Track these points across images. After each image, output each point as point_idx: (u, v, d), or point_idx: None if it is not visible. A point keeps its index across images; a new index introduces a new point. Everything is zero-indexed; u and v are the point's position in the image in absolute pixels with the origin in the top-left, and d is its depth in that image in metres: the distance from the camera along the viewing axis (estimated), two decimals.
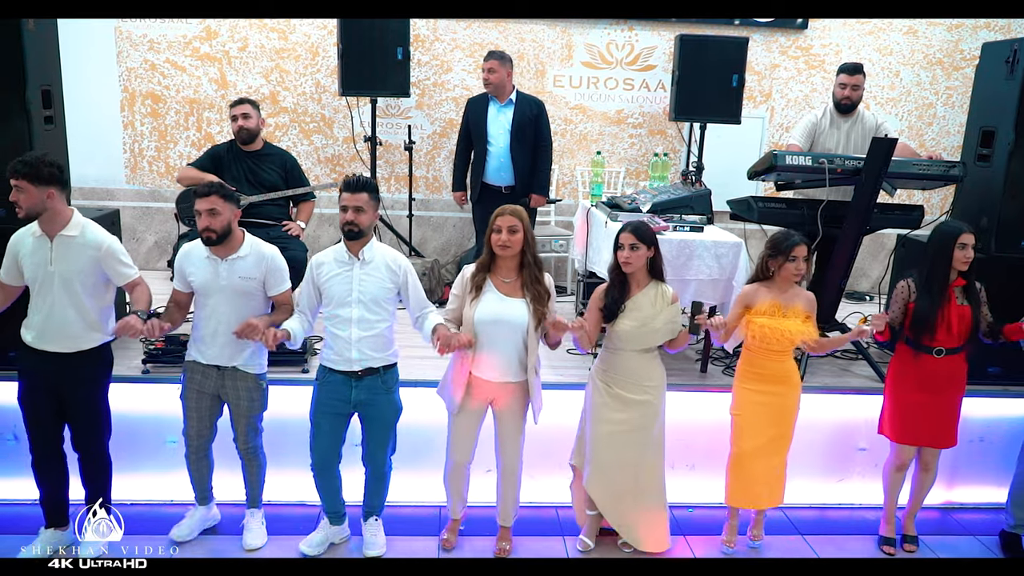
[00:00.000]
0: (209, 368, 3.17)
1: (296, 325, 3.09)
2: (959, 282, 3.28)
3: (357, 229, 3.00)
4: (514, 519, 3.41)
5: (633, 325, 3.10)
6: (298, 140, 5.95)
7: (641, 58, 6.02)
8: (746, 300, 3.28)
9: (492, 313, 3.03)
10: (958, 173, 4.17)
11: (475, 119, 4.92)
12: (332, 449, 3.23)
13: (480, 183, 4.92)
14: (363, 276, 3.05)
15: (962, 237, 3.21)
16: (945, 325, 3.25)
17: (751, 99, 6.02)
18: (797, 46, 6.08)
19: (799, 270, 3.18)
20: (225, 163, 4.43)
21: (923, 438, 3.41)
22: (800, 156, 4.12)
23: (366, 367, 3.09)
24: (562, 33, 5.94)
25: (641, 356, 3.17)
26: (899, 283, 3.37)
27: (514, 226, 2.99)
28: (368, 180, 3.06)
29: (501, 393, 3.13)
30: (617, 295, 3.13)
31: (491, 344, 3.06)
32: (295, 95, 5.89)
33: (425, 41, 5.85)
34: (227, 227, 3.04)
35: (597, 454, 3.25)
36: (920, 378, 3.34)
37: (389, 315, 3.13)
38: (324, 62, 5.83)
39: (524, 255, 3.05)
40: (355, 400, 3.12)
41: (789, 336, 3.17)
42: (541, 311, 3.04)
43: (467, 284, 3.09)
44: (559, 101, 6.02)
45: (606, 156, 5.92)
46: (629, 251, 3.07)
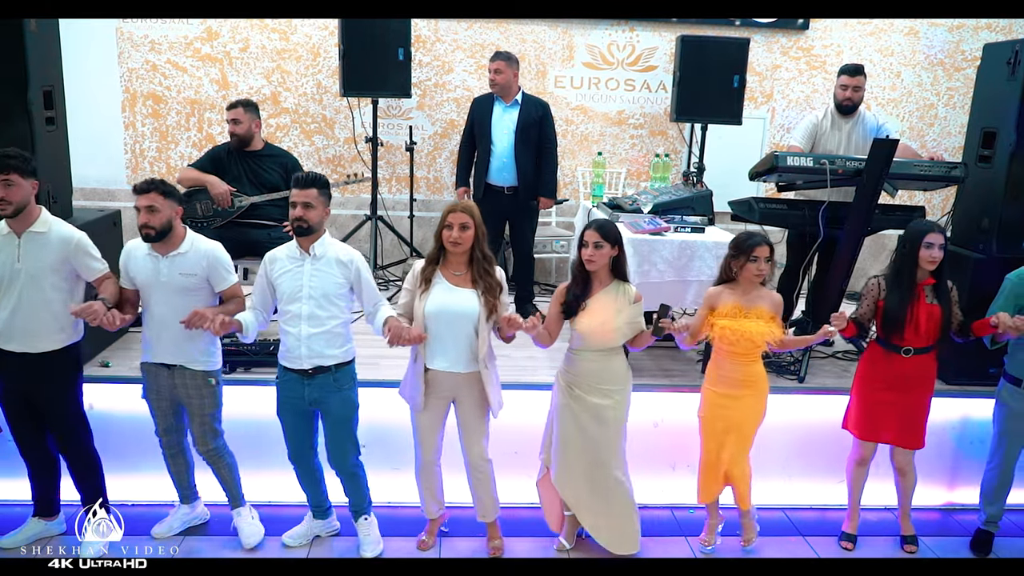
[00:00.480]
0: (160, 367, 3.15)
1: (249, 317, 3.08)
2: (929, 281, 3.27)
3: (306, 225, 2.99)
4: (496, 514, 3.38)
5: (593, 324, 3.08)
6: (299, 141, 5.95)
7: (642, 59, 6.02)
8: (710, 302, 3.26)
9: (441, 304, 3.02)
10: (959, 174, 4.17)
11: (480, 119, 4.91)
12: (304, 443, 3.23)
13: (483, 183, 4.91)
14: (314, 272, 3.04)
15: (928, 236, 3.20)
16: (914, 324, 3.24)
17: (752, 100, 6.02)
18: (798, 47, 6.08)
19: (761, 271, 3.14)
20: (225, 164, 4.43)
21: (886, 436, 3.41)
22: (801, 157, 4.12)
23: (316, 365, 3.07)
24: (563, 34, 5.94)
25: (603, 357, 3.14)
26: (870, 280, 3.38)
27: (466, 223, 2.99)
28: (317, 176, 3.04)
29: (457, 385, 3.11)
30: (578, 292, 3.12)
31: (442, 334, 3.04)
32: (296, 96, 5.89)
33: (426, 42, 5.85)
34: (167, 224, 3.02)
35: (562, 455, 3.24)
36: (888, 377, 3.34)
37: (342, 311, 3.10)
38: (325, 63, 5.83)
39: (474, 251, 3.04)
40: (309, 398, 3.11)
41: (752, 338, 3.14)
42: (492, 302, 3.03)
43: (417, 278, 3.08)
44: (560, 102, 6.02)
45: (607, 157, 5.92)
46: (593, 249, 3.05)
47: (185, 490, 3.45)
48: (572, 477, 3.25)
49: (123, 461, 3.54)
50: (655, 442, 3.86)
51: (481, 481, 3.28)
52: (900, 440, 3.41)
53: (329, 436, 3.21)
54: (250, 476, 3.53)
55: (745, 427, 3.30)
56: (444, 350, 3.06)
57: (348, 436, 3.22)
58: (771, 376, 4.13)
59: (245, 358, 3.85)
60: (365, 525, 3.38)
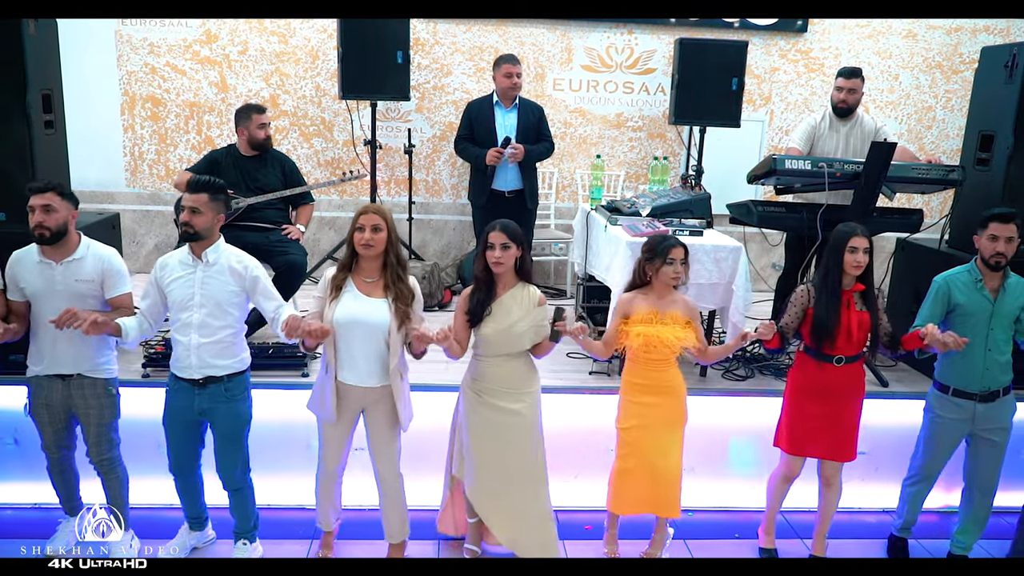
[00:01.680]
0: (52, 380, 3.05)
1: (132, 322, 2.98)
2: (857, 287, 3.15)
3: (192, 231, 2.91)
4: (404, 536, 3.25)
5: (498, 328, 2.99)
6: (298, 143, 5.95)
7: (641, 61, 6.03)
8: (624, 309, 3.16)
9: (351, 313, 2.90)
10: (957, 177, 4.17)
11: (481, 123, 4.91)
12: (185, 456, 3.14)
13: (488, 188, 4.91)
14: (206, 279, 2.95)
15: (852, 241, 3.07)
16: (845, 332, 3.12)
17: (750, 102, 6.03)
18: (797, 49, 6.09)
19: (677, 273, 3.07)
20: (223, 167, 4.43)
21: (815, 450, 3.27)
22: (799, 160, 4.12)
23: (207, 375, 2.98)
24: (562, 36, 5.94)
25: (510, 362, 3.05)
26: (798, 287, 3.25)
27: (377, 225, 2.88)
28: (210, 181, 2.96)
29: (366, 398, 3.00)
30: (483, 297, 3.01)
31: (352, 346, 2.93)
32: (295, 98, 5.89)
33: (425, 44, 5.85)
34: (63, 225, 2.95)
35: (478, 466, 3.12)
36: (819, 388, 3.21)
37: (235, 320, 3.01)
38: (324, 65, 5.84)
39: (387, 255, 2.94)
40: (199, 408, 3.02)
41: (667, 343, 3.06)
42: (404, 311, 2.92)
43: (327, 285, 2.97)
44: (559, 104, 6.03)
45: (606, 159, 5.93)
46: (501, 251, 2.94)
47: (71, 504, 3.37)
48: (490, 488, 3.14)
49: None
50: None
51: (391, 498, 3.16)
52: (830, 453, 3.27)
53: (218, 448, 3.11)
54: None
55: (668, 432, 3.19)
56: (354, 362, 2.95)
57: (237, 449, 3.12)
58: (771, 380, 4.17)
59: None
60: (243, 549, 3.25)
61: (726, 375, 4.20)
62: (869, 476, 3.95)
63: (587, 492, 3.80)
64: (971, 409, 3.28)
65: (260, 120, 4.42)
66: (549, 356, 3.22)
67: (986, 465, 3.37)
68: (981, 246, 3.20)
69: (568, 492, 3.81)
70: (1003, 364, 3.25)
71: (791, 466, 3.33)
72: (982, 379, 3.24)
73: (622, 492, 3.27)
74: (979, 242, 3.21)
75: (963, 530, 3.50)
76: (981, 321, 3.21)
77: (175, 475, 3.19)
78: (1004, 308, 3.22)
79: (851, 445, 3.27)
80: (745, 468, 3.93)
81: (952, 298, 3.26)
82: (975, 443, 3.37)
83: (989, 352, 3.22)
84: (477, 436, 3.11)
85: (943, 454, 3.39)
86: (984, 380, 3.24)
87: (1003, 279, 3.24)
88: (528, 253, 3.07)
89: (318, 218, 5.99)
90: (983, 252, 3.19)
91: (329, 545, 3.33)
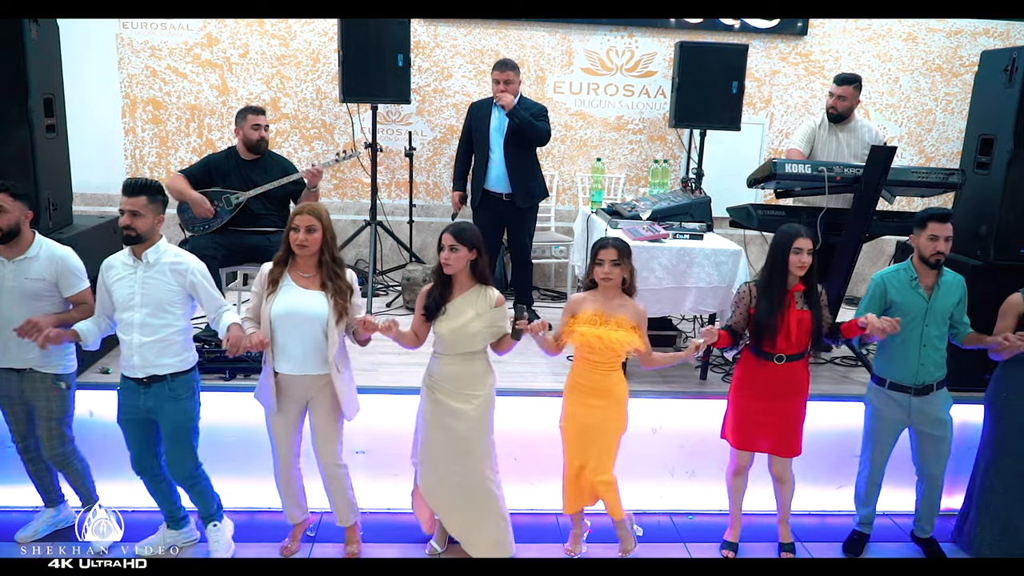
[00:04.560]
0: (8, 373, 3.14)
1: (89, 325, 3.04)
2: (798, 287, 3.20)
3: (134, 234, 2.94)
4: (354, 518, 3.34)
5: (451, 327, 3.05)
6: (299, 146, 5.96)
7: (641, 64, 6.04)
8: (572, 308, 3.19)
9: (288, 306, 2.98)
10: (956, 180, 4.18)
11: (478, 125, 4.92)
12: (145, 453, 3.17)
13: (481, 190, 4.92)
14: (146, 279, 2.99)
15: (797, 242, 3.14)
16: (784, 331, 3.18)
17: (751, 105, 6.03)
18: (797, 52, 6.09)
19: (605, 274, 3.07)
20: (224, 170, 4.44)
21: (762, 445, 3.35)
22: (800, 164, 4.13)
23: (150, 374, 3.02)
24: (562, 39, 5.95)
25: (464, 361, 3.10)
26: (741, 287, 3.31)
27: (312, 225, 2.96)
28: (148, 183, 2.97)
29: (308, 388, 3.06)
30: (438, 296, 3.08)
31: (290, 338, 3.00)
32: (296, 101, 5.90)
33: (426, 47, 5.86)
34: (15, 225, 3.02)
35: (427, 461, 3.20)
36: (761, 385, 3.27)
37: (178, 319, 3.04)
38: (325, 68, 5.84)
39: (322, 254, 3.01)
40: (145, 407, 3.06)
41: (610, 346, 3.07)
42: (342, 304, 3.00)
43: (264, 281, 3.04)
44: (559, 107, 6.03)
45: (606, 162, 5.93)
46: (448, 252, 3.01)
47: (49, 494, 3.43)
48: (438, 483, 3.20)
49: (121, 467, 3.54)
50: (653, 448, 3.87)
51: (335, 486, 3.24)
52: (776, 449, 3.34)
53: (165, 446, 3.15)
54: (247, 483, 3.55)
55: (605, 437, 3.20)
56: (292, 354, 3.02)
57: (184, 447, 3.14)
58: None
59: (245, 365, 3.85)
60: (214, 531, 3.31)
61: (726, 378, 4.21)
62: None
63: None
64: (907, 402, 3.36)
65: (255, 121, 4.43)
66: (549, 359, 3.23)
67: (931, 460, 3.45)
68: (920, 245, 3.28)
69: None
70: (937, 360, 3.34)
71: (740, 460, 3.42)
72: (917, 374, 3.32)
73: (571, 493, 3.32)
74: (917, 241, 3.30)
75: (920, 517, 3.61)
76: (916, 318, 3.29)
77: (140, 475, 3.22)
78: (938, 305, 3.30)
79: (796, 441, 3.35)
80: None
81: (888, 296, 3.34)
82: (918, 438, 3.46)
83: (924, 348, 3.31)
84: (428, 432, 3.18)
85: (885, 446, 3.47)
86: (919, 375, 3.33)
87: (938, 276, 3.32)
88: (484, 257, 3.09)
89: None
90: (923, 251, 3.28)
91: (296, 537, 3.40)
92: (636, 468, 3.87)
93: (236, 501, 3.57)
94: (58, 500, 3.47)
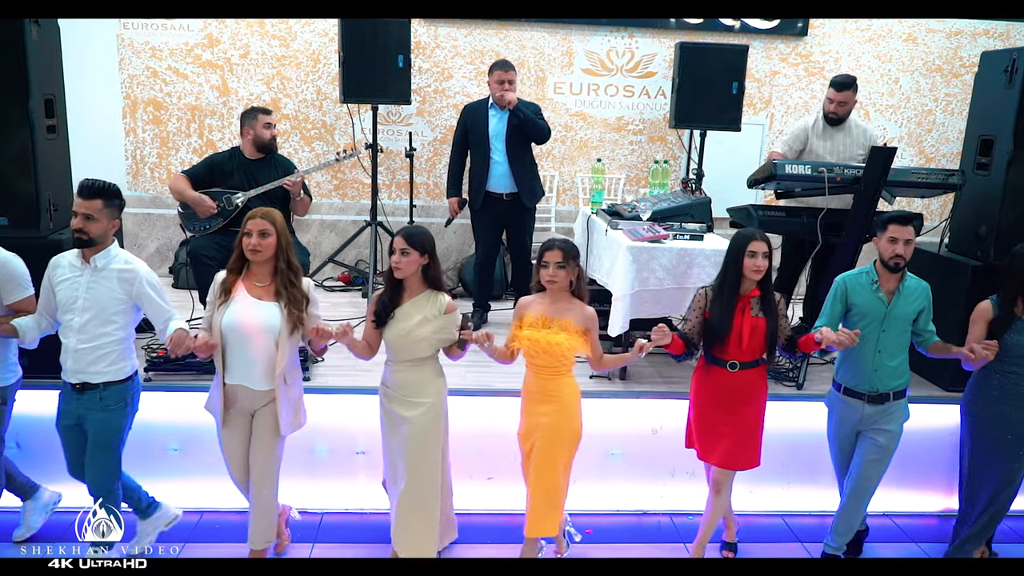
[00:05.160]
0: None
1: (28, 321, 2.98)
2: (754, 292, 3.10)
3: (86, 237, 2.87)
4: (267, 544, 3.16)
5: (398, 333, 2.99)
6: (299, 147, 5.97)
7: (641, 65, 6.04)
8: (520, 312, 3.12)
9: (239, 316, 2.89)
10: (956, 181, 4.19)
11: (475, 127, 4.92)
12: (78, 460, 3.09)
13: (483, 191, 4.92)
14: (92, 283, 2.91)
15: (752, 245, 3.03)
16: (736, 337, 3.07)
17: (751, 106, 6.04)
18: (797, 53, 6.10)
19: (548, 276, 3.00)
20: (227, 170, 4.43)
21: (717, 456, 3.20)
22: (800, 165, 4.14)
23: (83, 380, 2.94)
24: (563, 40, 5.96)
25: (412, 369, 3.04)
26: (698, 291, 3.22)
27: (265, 230, 2.88)
28: (106, 186, 2.90)
29: (254, 401, 2.99)
30: (388, 301, 3.02)
31: (241, 349, 2.92)
32: (296, 102, 5.91)
33: (426, 48, 5.87)
34: None
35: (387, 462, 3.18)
36: (716, 392, 3.17)
37: (119, 328, 2.95)
38: (325, 69, 5.85)
39: (277, 260, 2.93)
40: (76, 413, 2.99)
41: (553, 351, 2.98)
42: (296, 315, 2.91)
43: (217, 290, 2.95)
44: (559, 108, 6.04)
45: (606, 163, 5.94)
46: (399, 255, 2.95)
47: (21, 491, 3.40)
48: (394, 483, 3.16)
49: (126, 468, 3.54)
50: (654, 449, 3.88)
51: (258, 504, 3.09)
52: (728, 461, 3.19)
53: (87, 454, 3.04)
54: None
55: (550, 447, 3.08)
56: (242, 365, 2.93)
57: (106, 460, 3.03)
58: (772, 385, 4.16)
59: None
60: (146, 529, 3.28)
61: None
62: None
63: (586, 496, 3.80)
64: (860, 409, 3.25)
65: (266, 120, 4.43)
66: None
67: (866, 465, 3.27)
68: (880, 248, 3.18)
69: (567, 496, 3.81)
70: (894, 368, 3.20)
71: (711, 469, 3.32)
72: (871, 380, 3.20)
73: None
74: (878, 244, 3.20)
75: (834, 531, 3.40)
76: (874, 322, 3.19)
77: (76, 479, 3.15)
78: (897, 310, 3.18)
79: (750, 452, 3.21)
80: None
81: (849, 298, 3.24)
82: (861, 442, 3.31)
83: (879, 354, 3.18)
84: (384, 436, 3.16)
85: (846, 451, 3.38)
86: (872, 381, 3.20)
87: (900, 281, 3.20)
88: (436, 262, 3.04)
89: (319, 221, 6.01)
90: (883, 254, 3.17)
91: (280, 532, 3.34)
92: (636, 468, 3.89)
93: (236, 502, 3.56)
94: (33, 489, 3.41)
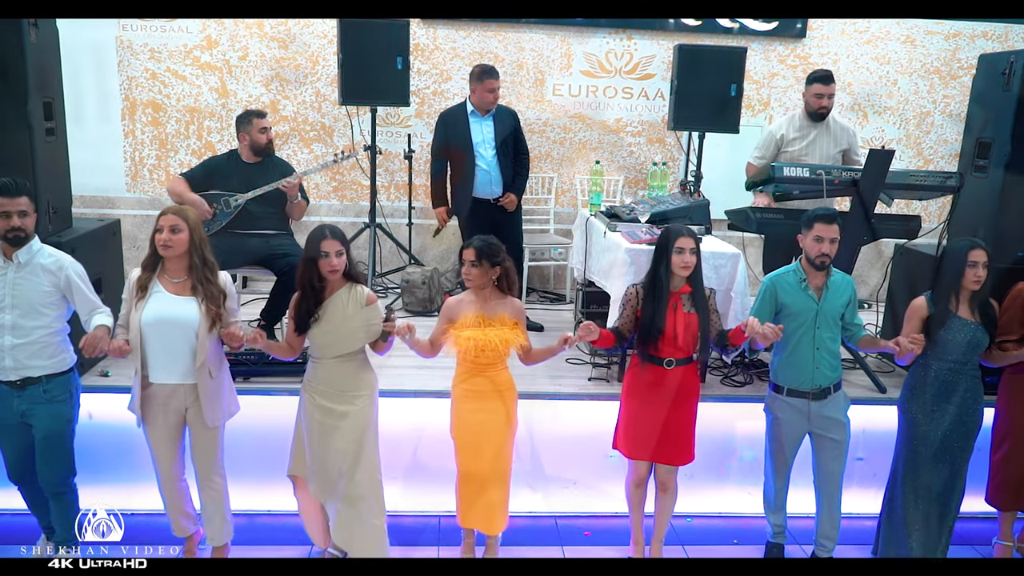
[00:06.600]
0: None
1: None
2: (685, 288, 3.12)
3: (23, 234, 2.88)
4: (226, 538, 3.21)
5: (324, 330, 2.99)
6: (298, 149, 5.97)
7: (640, 67, 6.05)
8: (448, 314, 3.12)
9: (158, 313, 2.89)
10: (954, 184, 4.19)
11: (458, 134, 4.88)
12: (22, 461, 3.08)
13: (470, 197, 4.90)
14: (18, 280, 2.91)
15: (679, 240, 3.05)
16: (670, 334, 3.09)
17: (749, 108, 6.04)
18: (795, 55, 6.11)
19: (467, 274, 3.05)
20: (225, 173, 4.43)
21: (656, 453, 3.21)
22: (797, 168, 4.14)
23: (24, 376, 2.95)
24: (561, 42, 5.96)
25: (342, 364, 3.04)
26: (628, 288, 3.21)
27: (176, 225, 2.87)
28: (24, 183, 2.92)
29: (181, 397, 2.98)
30: (311, 306, 2.99)
31: (161, 345, 2.91)
32: (295, 104, 5.91)
33: (425, 50, 5.87)
34: None
35: (313, 465, 3.12)
36: (650, 390, 3.16)
37: (53, 320, 2.97)
38: (324, 71, 5.85)
39: (191, 256, 2.92)
40: (18, 410, 2.98)
41: (497, 346, 3.04)
42: (215, 310, 2.92)
43: (132, 287, 2.95)
44: (558, 110, 6.05)
45: (605, 165, 5.95)
46: (336, 258, 2.95)
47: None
48: (327, 487, 3.10)
49: (126, 470, 3.56)
50: None
51: (211, 500, 3.13)
52: (667, 457, 3.22)
53: (38, 450, 3.04)
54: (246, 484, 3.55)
55: (499, 437, 3.16)
56: (164, 362, 2.94)
57: (58, 452, 3.04)
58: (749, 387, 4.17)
59: (245, 368, 3.86)
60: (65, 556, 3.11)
61: (725, 381, 4.22)
62: (867, 481, 3.96)
63: (586, 498, 3.81)
64: (806, 408, 3.27)
65: (261, 124, 4.43)
66: (548, 362, 3.23)
67: (829, 465, 3.34)
68: (806, 246, 3.21)
69: (566, 498, 3.83)
70: (832, 362, 3.26)
71: (638, 470, 3.30)
72: (813, 378, 3.23)
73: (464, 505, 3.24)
74: (804, 242, 3.22)
75: (821, 534, 3.45)
76: (807, 320, 3.20)
77: (17, 485, 3.14)
78: (828, 306, 3.22)
79: (687, 448, 3.24)
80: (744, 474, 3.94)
81: (778, 298, 3.24)
82: (817, 442, 3.34)
83: (818, 351, 3.22)
84: (311, 436, 3.10)
85: (787, 453, 3.38)
86: (815, 378, 3.23)
87: (827, 277, 3.24)
88: (349, 254, 3.04)
89: (318, 223, 5.98)
90: (808, 252, 3.20)
91: (191, 551, 3.28)
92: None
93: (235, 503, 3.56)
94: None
